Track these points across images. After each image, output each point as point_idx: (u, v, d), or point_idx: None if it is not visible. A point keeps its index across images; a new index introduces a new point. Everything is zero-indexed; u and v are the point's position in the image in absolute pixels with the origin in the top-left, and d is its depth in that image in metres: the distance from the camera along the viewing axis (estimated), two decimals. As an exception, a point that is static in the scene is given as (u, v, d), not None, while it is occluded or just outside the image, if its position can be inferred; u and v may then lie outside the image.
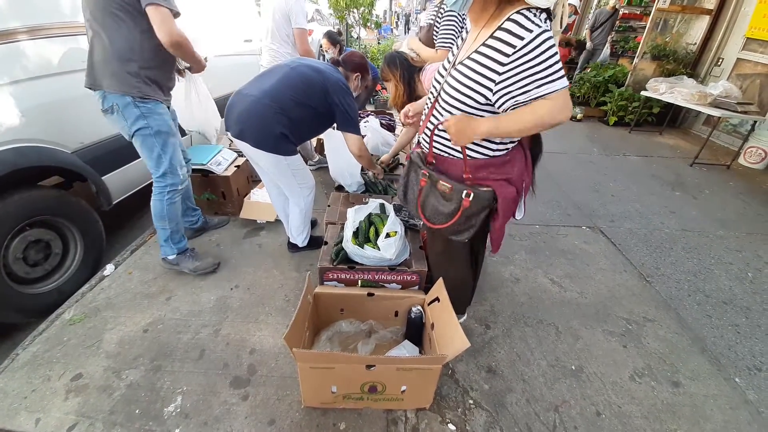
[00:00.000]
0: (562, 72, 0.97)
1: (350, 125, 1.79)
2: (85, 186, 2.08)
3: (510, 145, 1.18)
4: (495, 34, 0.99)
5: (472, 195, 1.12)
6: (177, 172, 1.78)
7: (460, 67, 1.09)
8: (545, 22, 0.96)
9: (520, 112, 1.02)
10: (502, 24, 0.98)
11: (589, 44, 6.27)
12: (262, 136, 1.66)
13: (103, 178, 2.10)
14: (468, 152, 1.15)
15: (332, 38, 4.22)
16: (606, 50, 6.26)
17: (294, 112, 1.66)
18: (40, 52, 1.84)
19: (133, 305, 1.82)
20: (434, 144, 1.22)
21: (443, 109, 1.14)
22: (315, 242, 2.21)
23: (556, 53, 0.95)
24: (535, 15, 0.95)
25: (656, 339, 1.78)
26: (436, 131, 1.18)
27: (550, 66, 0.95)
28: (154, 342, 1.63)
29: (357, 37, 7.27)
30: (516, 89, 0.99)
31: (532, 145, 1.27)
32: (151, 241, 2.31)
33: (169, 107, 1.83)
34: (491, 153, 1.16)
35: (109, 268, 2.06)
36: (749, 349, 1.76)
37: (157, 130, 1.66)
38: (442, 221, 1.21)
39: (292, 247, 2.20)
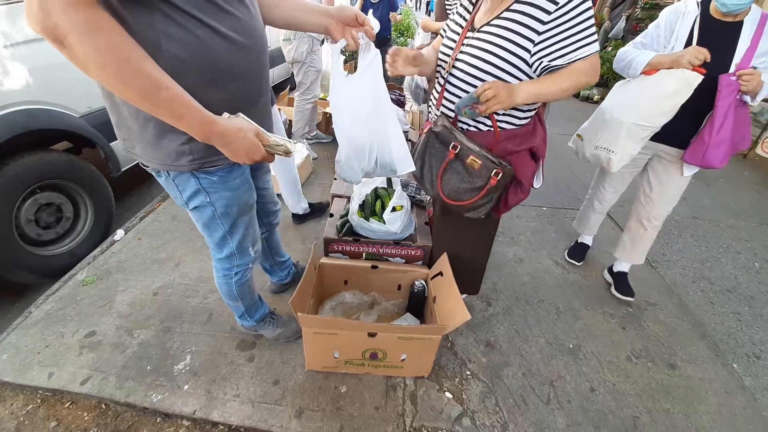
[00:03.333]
0: (596, 36, 0.97)
1: None
2: (95, 152, 2.10)
3: (531, 114, 1.15)
4: None
5: (501, 174, 1.10)
6: (247, 252, 1.22)
7: (488, 30, 1.03)
8: None
9: (561, 76, 1.00)
10: None
11: (606, 23, 5.96)
12: None
13: (111, 144, 2.11)
14: (498, 124, 1.12)
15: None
16: (621, 23, 5.91)
17: None
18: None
19: (143, 269, 1.87)
20: (459, 117, 1.17)
21: (462, 80, 1.10)
22: (317, 209, 2.25)
23: (592, 16, 0.95)
24: None
25: (656, 322, 1.79)
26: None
27: (588, 28, 0.95)
28: (164, 304, 1.68)
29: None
30: (555, 50, 0.97)
31: None
32: (160, 208, 2.34)
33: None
34: (518, 123, 1.13)
35: (119, 234, 2.10)
36: (749, 337, 1.77)
37: (225, 211, 1.05)
38: (464, 198, 1.18)
39: (296, 218, 2.23)
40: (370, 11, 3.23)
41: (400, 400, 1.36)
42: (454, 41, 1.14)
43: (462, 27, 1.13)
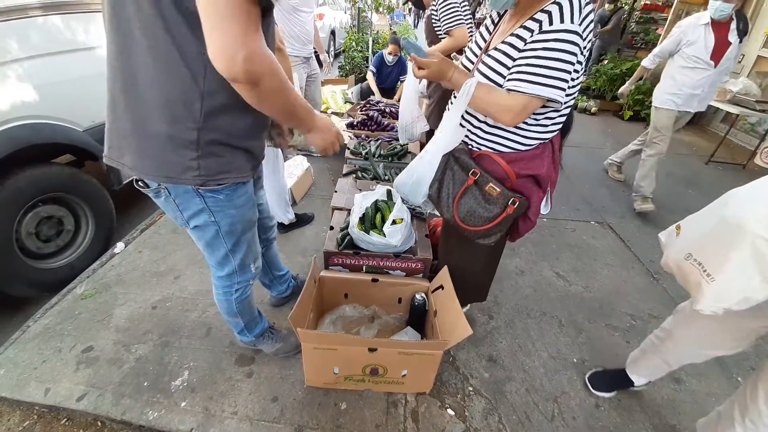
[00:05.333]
0: (557, 82, 0.93)
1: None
2: (97, 165, 2.11)
3: (543, 137, 1.13)
4: (525, 22, 0.97)
5: (518, 203, 1.11)
6: (248, 269, 1.22)
7: (492, 53, 1.05)
8: (582, 22, 0.91)
9: (491, 99, 1.02)
10: (538, 10, 0.95)
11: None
12: None
13: (114, 157, 2.12)
14: (499, 146, 1.13)
15: (396, 41, 4.18)
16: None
17: None
18: (53, 28, 1.84)
19: (142, 283, 1.86)
20: (474, 139, 1.18)
21: None
22: (303, 219, 2.34)
23: (564, 59, 0.91)
24: (576, 10, 0.90)
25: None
26: (475, 125, 1.16)
27: (550, 68, 0.92)
28: (162, 319, 1.66)
29: (370, 22, 7.15)
30: (514, 77, 0.97)
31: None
32: (161, 221, 2.34)
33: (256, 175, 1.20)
34: (523, 147, 1.13)
35: (119, 246, 2.09)
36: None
37: (229, 229, 1.06)
38: (478, 224, 1.18)
39: (281, 227, 2.26)
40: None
41: (401, 417, 1.34)
42: (473, 63, 1.15)
43: (480, 48, 1.14)
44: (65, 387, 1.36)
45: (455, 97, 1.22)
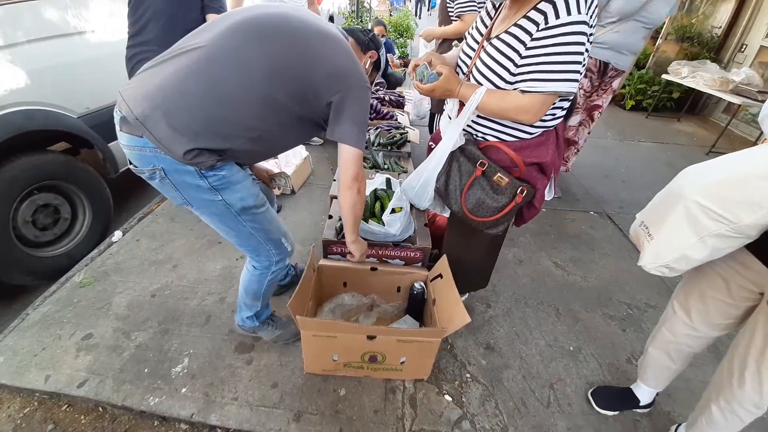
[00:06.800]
0: (572, 75, 0.92)
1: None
2: (93, 153, 2.09)
3: (548, 125, 1.12)
4: (529, 12, 0.94)
5: (526, 191, 1.11)
6: (281, 245, 1.25)
7: (495, 42, 1.03)
8: (589, 10, 0.89)
9: (503, 102, 1.01)
10: (541, 0, 0.92)
11: None
12: None
13: (109, 145, 2.10)
14: (504, 135, 1.12)
15: (382, 24, 4.14)
16: None
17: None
18: (45, 13, 1.80)
19: (141, 271, 1.86)
20: (479, 129, 1.17)
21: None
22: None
23: (576, 51, 0.90)
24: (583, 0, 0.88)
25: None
26: (481, 115, 1.14)
27: (563, 63, 0.90)
28: (161, 306, 1.67)
29: (368, 8, 7.02)
30: (527, 77, 0.96)
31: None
32: (158, 210, 2.33)
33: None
34: (528, 136, 1.12)
35: (117, 235, 2.09)
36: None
37: (242, 206, 1.09)
38: (487, 215, 1.17)
39: None
40: None
41: (400, 403, 1.35)
42: (473, 50, 1.13)
43: (482, 35, 1.12)
44: (65, 374, 1.37)
45: (447, 103, 1.21)
